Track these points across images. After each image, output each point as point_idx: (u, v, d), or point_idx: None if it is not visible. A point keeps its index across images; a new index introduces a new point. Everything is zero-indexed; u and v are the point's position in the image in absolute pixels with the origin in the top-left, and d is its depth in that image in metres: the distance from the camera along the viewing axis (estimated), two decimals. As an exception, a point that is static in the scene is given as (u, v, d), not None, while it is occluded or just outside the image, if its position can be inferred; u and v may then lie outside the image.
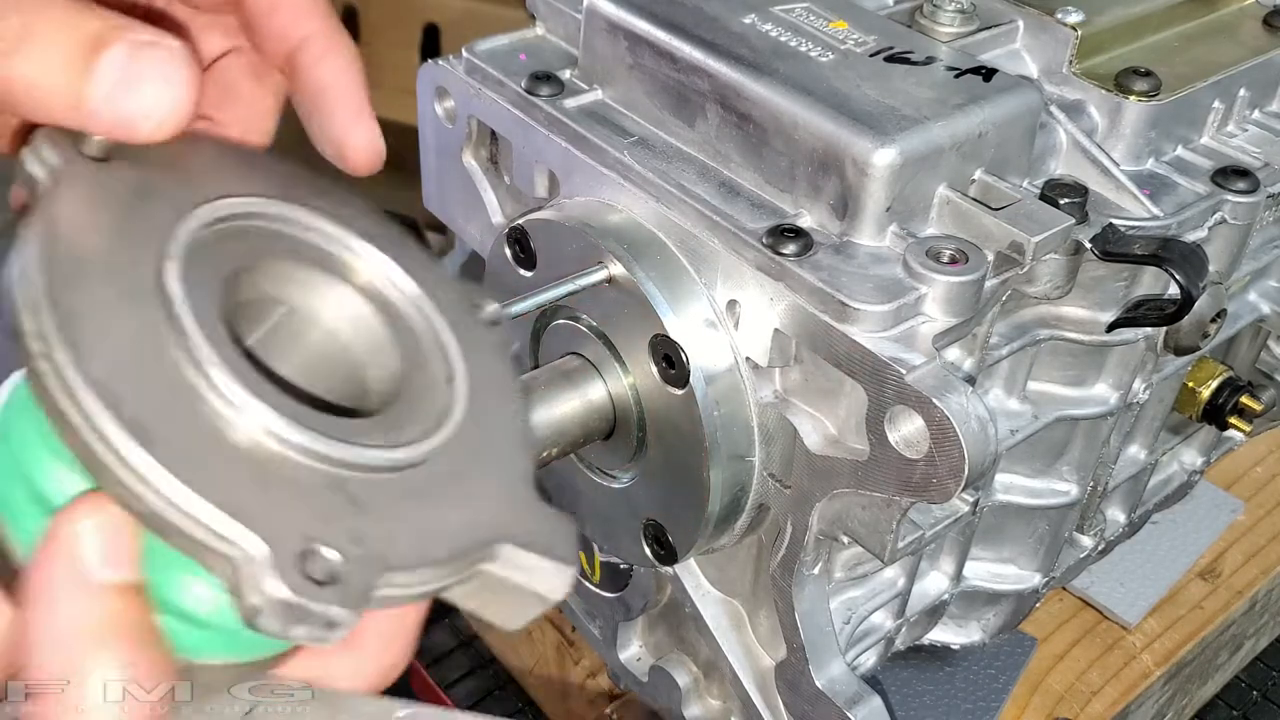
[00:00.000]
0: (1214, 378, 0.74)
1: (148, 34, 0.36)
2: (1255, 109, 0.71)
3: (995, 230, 0.55)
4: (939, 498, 0.51)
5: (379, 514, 0.37)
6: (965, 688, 0.85)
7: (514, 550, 0.39)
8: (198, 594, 0.36)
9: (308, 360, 0.44)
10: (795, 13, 0.62)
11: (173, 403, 0.35)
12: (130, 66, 0.35)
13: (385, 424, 0.40)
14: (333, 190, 0.44)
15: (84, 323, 0.34)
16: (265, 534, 0.33)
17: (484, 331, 0.46)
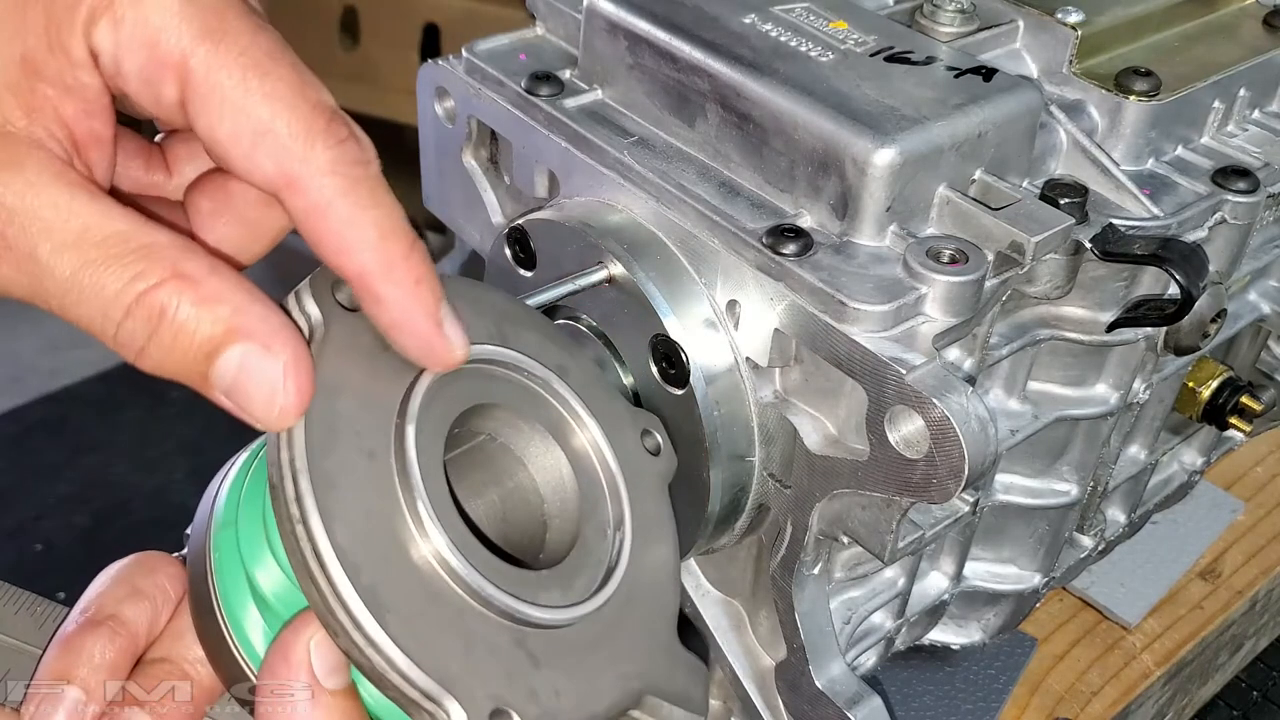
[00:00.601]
0: (1214, 378, 0.74)
1: (260, 337, 0.37)
2: (1255, 109, 0.71)
3: (995, 230, 0.55)
4: (939, 498, 0.51)
5: (552, 669, 0.42)
6: (965, 688, 0.85)
7: (656, 701, 0.45)
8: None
9: (501, 499, 0.48)
10: (795, 13, 0.62)
11: (399, 568, 0.39)
12: (241, 376, 0.37)
13: (560, 578, 0.45)
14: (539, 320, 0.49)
15: (333, 487, 0.38)
16: (464, 697, 0.38)
17: (647, 462, 0.52)
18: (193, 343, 0.37)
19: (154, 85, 0.37)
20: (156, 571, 0.47)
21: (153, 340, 0.37)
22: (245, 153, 0.37)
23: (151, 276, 0.37)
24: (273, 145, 0.37)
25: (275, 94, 0.37)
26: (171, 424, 2.31)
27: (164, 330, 0.37)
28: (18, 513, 2.12)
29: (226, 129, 0.37)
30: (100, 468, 2.21)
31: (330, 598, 0.38)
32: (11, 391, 2.38)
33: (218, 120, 0.37)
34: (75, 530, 2.06)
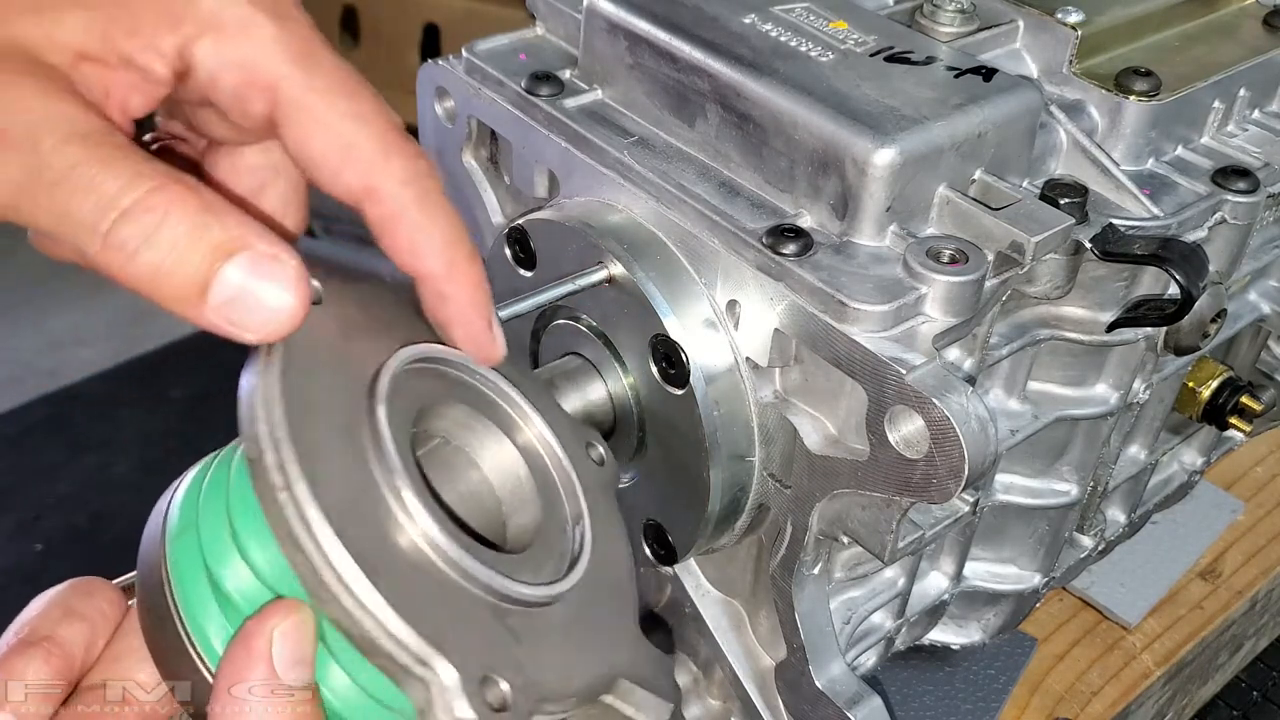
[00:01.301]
0: (1214, 378, 0.74)
1: (266, 245, 0.37)
2: (1255, 109, 0.71)
3: (995, 230, 0.55)
4: (939, 498, 0.51)
5: (531, 645, 0.42)
6: (965, 688, 0.85)
7: (629, 686, 0.45)
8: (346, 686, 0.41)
9: (461, 494, 0.49)
10: (795, 13, 0.62)
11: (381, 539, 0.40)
12: (248, 281, 0.37)
13: (529, 562, 0.45)
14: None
15: (315, 458, 0.38)
16: (455, 662, 0.38)
17: (595, 471, 0.53)
18: (195, 252, 0.36)
19: (245, 101, 0.41)
20: (94, 595, 0.47)
21: (148, 244, 0.36)
22: (333, 166, 0.41)
23: (156, 177, 0.36)
24: (357, 160, 0.41)
25: (358, 115, 0.41)
26: (171, 424, 2.31)
27: (165, 233, 0.36)
28: (18, 513, 2.12)
29: (317, 145, 0.41)
30: (100, 468, 2.21)
31: (319, 561, 0.37)
32: (11, 391, 2.38)
33: (308, 137, 0.41)
34: (75, 530, 2.06)
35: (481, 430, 0.50)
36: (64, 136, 0.36)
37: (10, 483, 2.19)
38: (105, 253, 0.36)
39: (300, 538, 0.37)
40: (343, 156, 0.41)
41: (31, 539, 2.07)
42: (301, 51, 0.41)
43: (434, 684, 0.38)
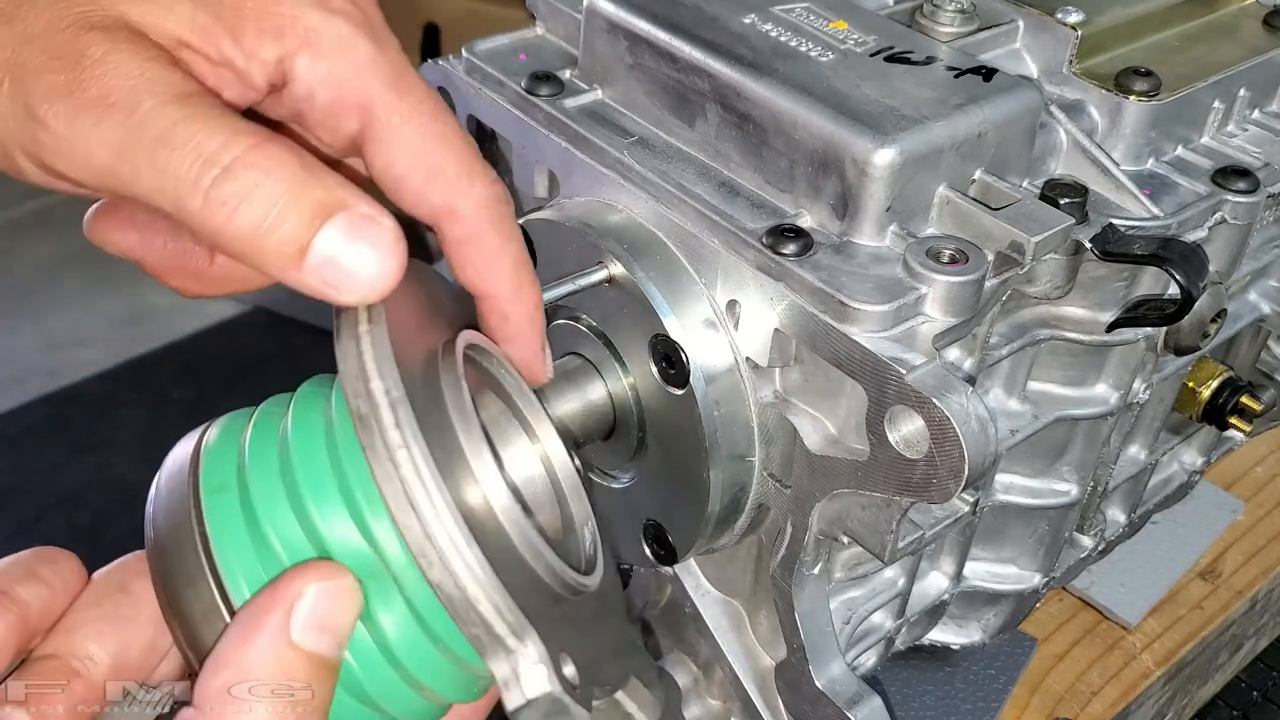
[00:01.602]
0: (1214, 378, 0.74)
1: (365, 206, 0.38)
2: (1255, 109, 0.71)
3: (995, 230, 0.55)
4: (939, 498, 0.51)
5: (575, 632, 0.43)
6: (965, 688, 0.85)
7: (636, 683, 0.47)
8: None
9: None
10: (795, 13, 0.62)
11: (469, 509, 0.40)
12: (347, 241, 0.37)
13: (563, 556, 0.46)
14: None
15: (421, 425, 0.38)
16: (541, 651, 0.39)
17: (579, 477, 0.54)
18: (297, 211, 0.37)
19: (337, 118, 0.42)
20: (57, 563, 0.46)
21: (249, 202, 0.36)
22: (418, 187, 0.43)
23: (255, 137, 0.37)
24: (441, 182, 0.43)
25: (443, 139, 0.43)
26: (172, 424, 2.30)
27: (265, 190, 0.36)
28: (18, 513, 2.12)
29: (403, 165, 0.42)
30: (100, 468, 2.21)
31: (432, 522, 0.37)
32: (11, 391, 2.38)
33: (397, 157, 0.42)
34: (75, 530, 2.06)
35: (508, 426, 0.51)
36: (164, 98, 0.36)
37: (10, 483, 2.19)
38: (206, 208, 0.36)
39: (416, 497, 0.37)
40: (428, 178, 0.43)
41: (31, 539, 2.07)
42: (395, 75, 0.42)
43: (523, 657, 0.38)
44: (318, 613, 0.39)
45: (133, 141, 0.36)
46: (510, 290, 0.46)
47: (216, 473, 0.43)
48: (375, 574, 0.40)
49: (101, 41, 0.37)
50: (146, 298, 2.51)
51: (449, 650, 0.41)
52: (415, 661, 0.41)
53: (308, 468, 0.41)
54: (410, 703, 0.42)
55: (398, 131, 0.42)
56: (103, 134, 0.36)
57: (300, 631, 0.39)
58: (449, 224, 0.44)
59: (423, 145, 0.42)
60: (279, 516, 0.41)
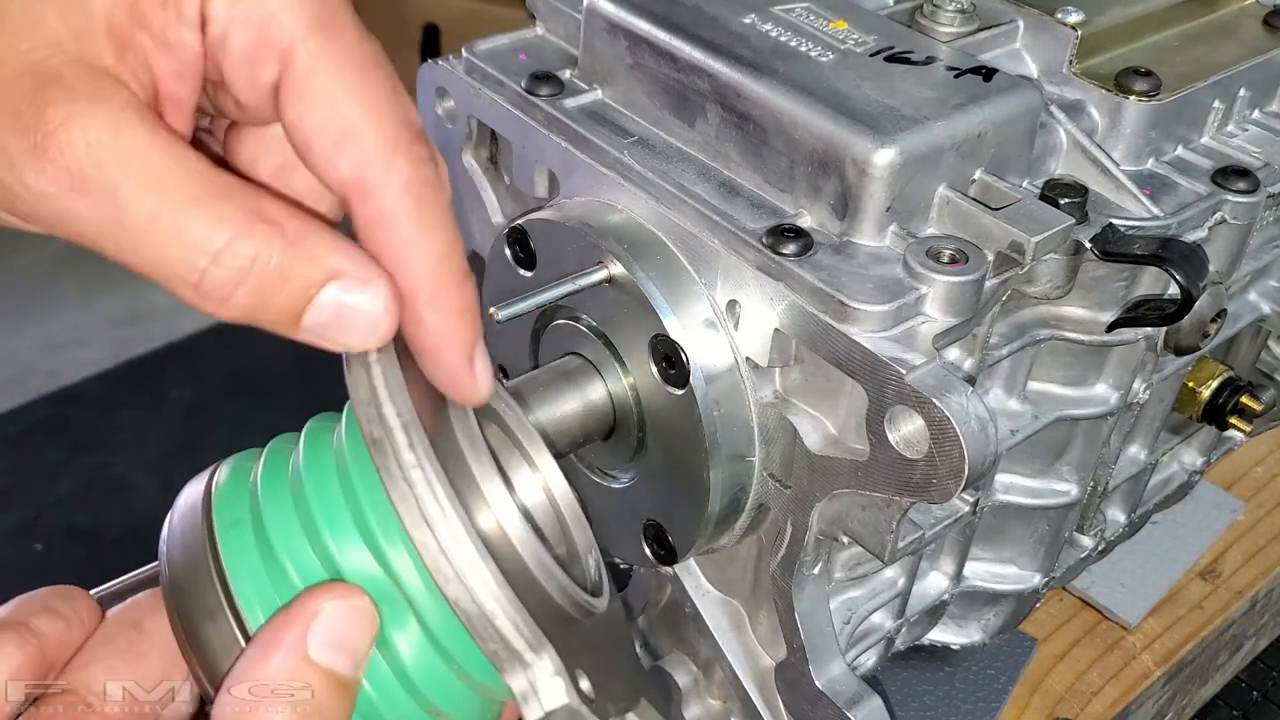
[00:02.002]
0: (1214, 378, 0.74)
1: (356, 269, 0.37)
2: (1255, 109, 0.71)
3: (995, 230, 0.55)
4: (939, 498, 0.51)
5: (592, 653, 0.44)
6: (965, 688, 0.85)
7: (647, 705, 0.47)
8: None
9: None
10: (795, 13, 0.62)
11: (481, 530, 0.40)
12: (339, 307, 0.37)
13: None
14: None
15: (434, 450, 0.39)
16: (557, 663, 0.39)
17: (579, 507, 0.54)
18: (289, 287, 0.37)
19: (255, 65, 0.38)
20: (73, 600, 0.46)
21: (242, 288, 0.36)
22: (327, 150, 0.38)
23: (237, 221, 0.36)
24: (355, 149, 0.38)
25: (369, 100, 0.38)
26: (171, 424, 2.31)
27: (255, 277, 0.36)
28: (18, 513, 2.12)
29: (315, 122, 0.38)
30: (100, 468, 2.21)
31: (447, 539, 0.38)
32: (11, 391, 2.38)
33: (308, 111, 0.38)
34: (75, 530, 2.06)
35: (509, 456, 0.51)
36: (140, 182, 0.35)
37: (10, 483, 2.19)
38: (199, 296, 0.36)
39: (430, 516, 0.38)
40: (340, 140, 0.38)
41: (31, 539, 2.07)
42: (322, 18, 0.37)
43: (540, 671, 0.39)
44: (334, 630, 0.39)
45: (114, 228, 0.35)
46: (427, 291, 0.39)
47: (229, 509, 0.43)
48: (390, 599, 0.41)
49: (60, 102, 0.35)
50: (146, 298, 2.51)
51: (465, 674, 0.41)
52: (432, 687, 0.41)
53: (321, 496, 0.41)
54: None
55: (314, 81, 0.37)
56: (83, 210, 0.35)
57: (317, 648, 0.39)
58: (358, 201, 0.38)
59: (339, 100, 0.37)
60: (294, 546, 0.41)
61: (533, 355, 0.67)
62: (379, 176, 0.38)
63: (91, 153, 0.35)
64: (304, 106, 0.38)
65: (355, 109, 0.38)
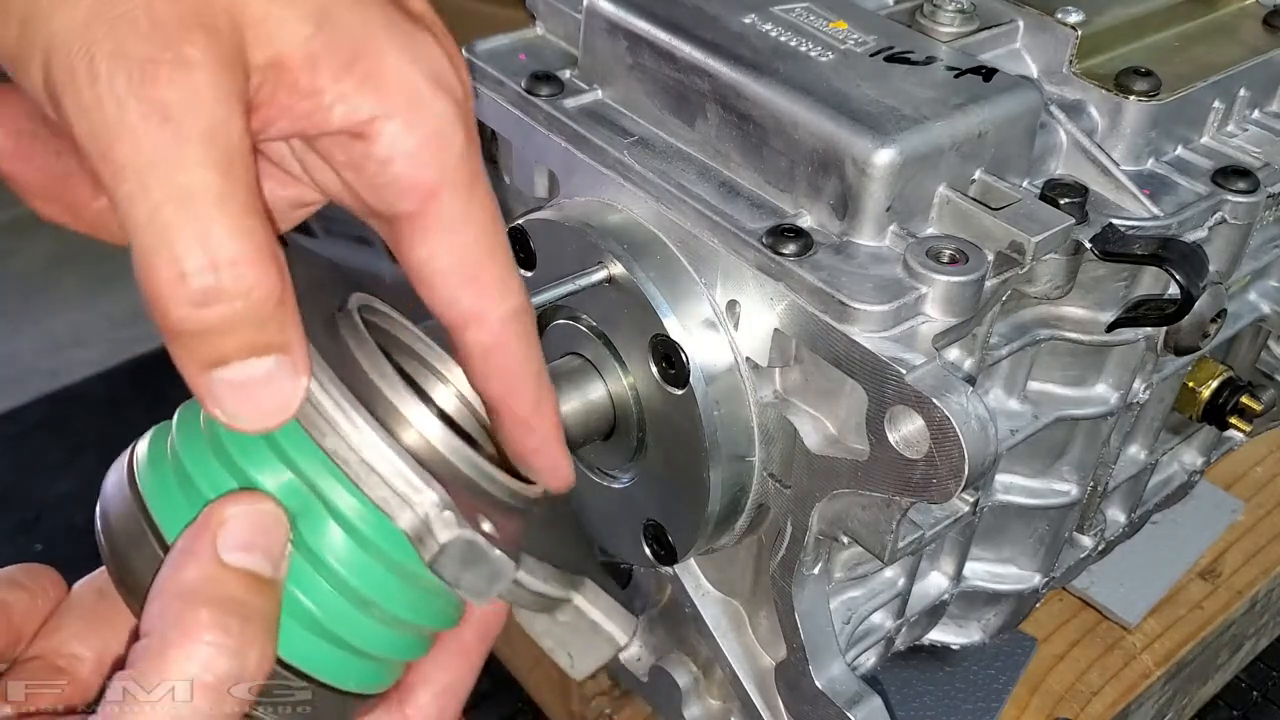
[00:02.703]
0: (1214, 378, 0.74)
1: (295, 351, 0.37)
2: (1255, 109, 0.71)
3: (995, 230, 0.55)
4: (939, 498, 0.51)
5: (506, 520, 0.43)
6: (965, 688, 0.85)
7: (596, 590, 0.46)
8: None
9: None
10: (795, 13, 0.62)
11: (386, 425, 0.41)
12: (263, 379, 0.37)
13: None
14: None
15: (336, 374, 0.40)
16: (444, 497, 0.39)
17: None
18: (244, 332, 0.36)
19: (398, 193, 0.40)
20: (38, 574, 0.48)
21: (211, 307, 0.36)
22: (454, 287, 0.41)
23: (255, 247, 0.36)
24: (480, 285, 0.42)
25: (492, 248, 0.42)
26: (172, 424, 2.31)
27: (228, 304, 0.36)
28: (18, 513, 2.12)
29: (447, 263, 0.41)
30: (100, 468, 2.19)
31: (318, 392, 0.39)
32: (11, 391, 2.38)
33: (443, 254, 0.41)
34: (75, 530, 2.05)
35: (418, 373, 0.51)
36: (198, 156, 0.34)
37: (10, 483, 2.19)
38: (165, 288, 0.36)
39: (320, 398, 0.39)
40: (466, 281, 0.41)
41: (31, 539, 2.07)
42: (473, 174, 0.40)
43: (429, 505, 0.39)
44: (242, 533, 0.39)
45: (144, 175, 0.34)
46: (533, 403, 0.45)
47: (149, 455, 0.44)
48: (303, 499, 0.41)
49: (204, 46, 0.35)
50: (147, 298, 2.51)
51: (385, 556, 0.41)
52: (356, 576, 0.41)
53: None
54: (372, 630, 0.42)
55: (456, 231, 0.40)
56: (129, 141, 0.34)
57: (229, 552, 0.39)
58: (475, 330, 0.42)
59: (473, 249, 0.41)
60: (206, 469, 0.42)
61: (533, 355, 0.67)
62: (494, 309, 0.42)
63: (182, 102, 0.34)
64: (439, 249, 0.40)
65: (482, 256, 0.41)
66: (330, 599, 0.41)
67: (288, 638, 0.40)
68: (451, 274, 0.41)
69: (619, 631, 0.47)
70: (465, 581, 0.40)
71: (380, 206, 0.41)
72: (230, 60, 0.36)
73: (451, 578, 0.40)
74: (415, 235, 0.40)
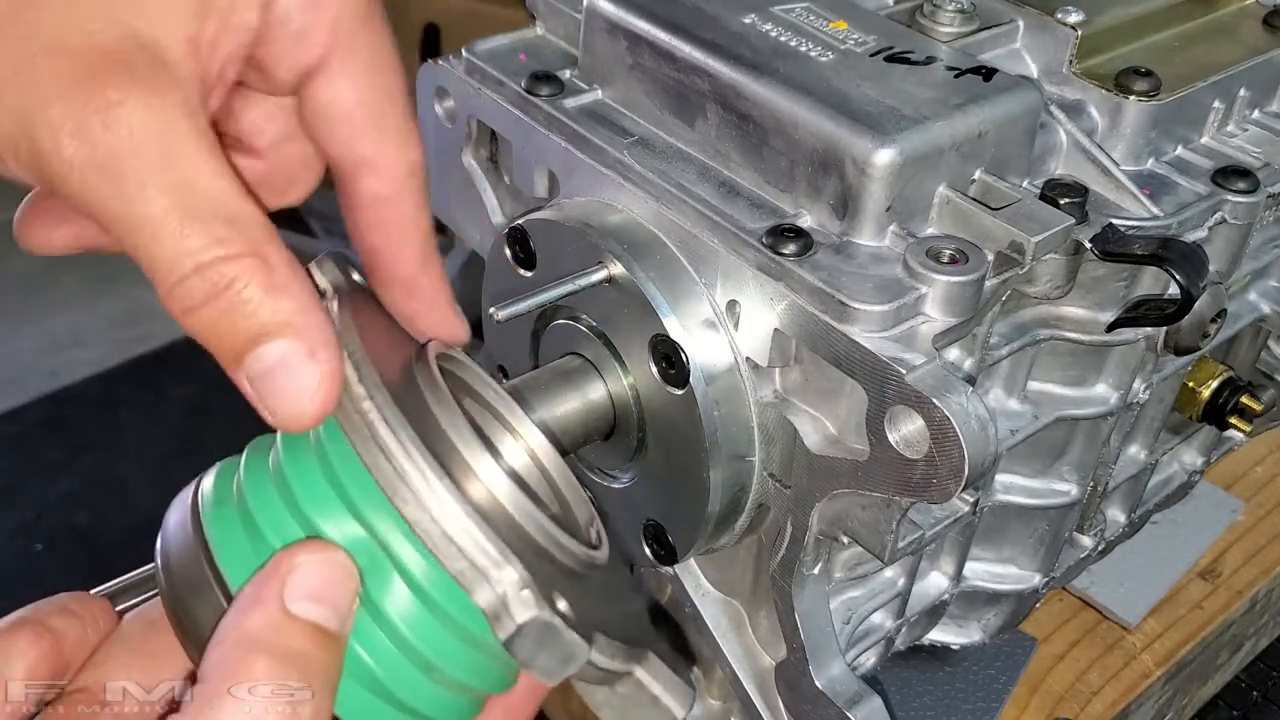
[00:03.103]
0: (1214, 378, 0.74)
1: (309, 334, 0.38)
2: (1255, 109, 0.71)
3: (995, 230, 0.55)
4: (939, 498, 0.51)
5: (576, 591, 0.43)
6: (965, 688, 0.85)
7: (657, 663, 0.46)
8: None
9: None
10: (795, 12, 0.62)
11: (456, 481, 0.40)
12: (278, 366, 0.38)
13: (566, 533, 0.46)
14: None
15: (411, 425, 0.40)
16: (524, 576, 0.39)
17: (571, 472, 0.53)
18: (246, 323, 0.38)
19: (303, 46, 0.41)
20: (88, 603, 0.47)
21: (208, 305, 0.38)
22: (352, 130, 0.42)
23: (234, 246, 0.38)
24: (378, 134, 0.43)
25: (394, 92, 0.43)
26: (172, 423, 2.31)
27: (224, 300, 0.38)
28: (18, 513, 2.12)
29: (347, 106, 0.42)
30: (100, 468, 2.21)
31: (400, 456, 0.38)
32: (11, 391, 2.38)
33: (344, 95, 0.42)
34: (75, 530, 2.06)
35: (490, 427, 0.51)
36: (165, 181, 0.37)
37: (10, 483, 2.19)
38: (170, 300, 0.38)
39: (382, 435, 0.39)
40: (367, 124, 0.42)
41: (31, 539, 2.07)
42: (368, 12, 0.42)
43: (509, 584, 0.38)
44: (311, 583, 0.39)
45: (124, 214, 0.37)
46: (419, 259, 0.46)
47: (214, 494, 0.44)
48: (372, 556, 0.41)
49: (122, 86, 0.37)
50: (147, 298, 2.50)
51: (454, 623, 0.41)
52: (422, 640, 0.41)
53: (296, 467, 0.42)
54: (430, 693, 0.42)
55: (354, 69, 0.42)
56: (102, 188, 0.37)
57: (295, 602, 0.39)
58: (372, 177, 0.43)
59: (374, 91, 0.42)
60: (273, 516, 0.42)
61: (533, 355, 0.67)
62: (393, 158, 0.43)
63: (133, 140, 0.36)
64: (340, 91, 0.42)
65: (384, 98, 0.43)
66: (392, 659, 0.41)
67: (345, 695, 0.40)
68: (353, 117, 0.42)
69: (677, 706, 0.47)
70: (539, 662, 0.40)
71: (293, 74, 0.42)
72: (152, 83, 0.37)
73: (526, 658, 0.39)
74: (319, 82, 0.42)
